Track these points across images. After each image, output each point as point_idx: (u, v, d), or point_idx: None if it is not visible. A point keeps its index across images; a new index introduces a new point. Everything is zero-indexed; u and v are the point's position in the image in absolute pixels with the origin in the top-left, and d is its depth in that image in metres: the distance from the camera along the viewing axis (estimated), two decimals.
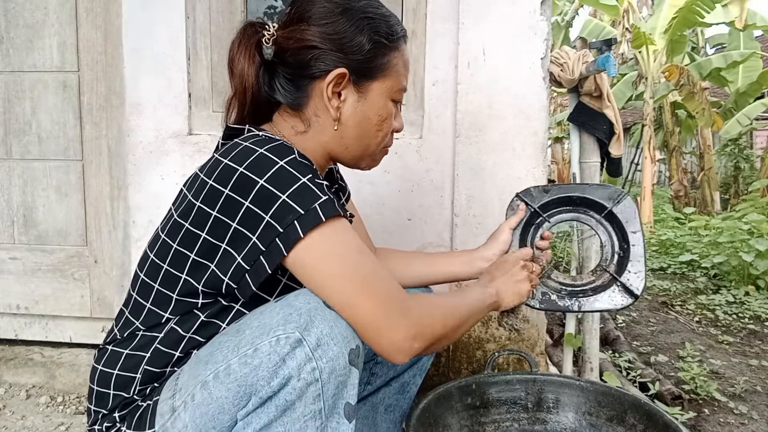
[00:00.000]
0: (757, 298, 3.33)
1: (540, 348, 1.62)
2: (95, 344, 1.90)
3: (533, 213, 1.21)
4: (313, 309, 0.74)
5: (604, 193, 1.20)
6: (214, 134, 1.67)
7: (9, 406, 1.67)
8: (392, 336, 0.76)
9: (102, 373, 0.86)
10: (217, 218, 0.77)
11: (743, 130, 7.62)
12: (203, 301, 0.83)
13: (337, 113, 0.88)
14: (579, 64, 1.54)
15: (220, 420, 0.76)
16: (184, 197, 0.83)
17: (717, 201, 8.07)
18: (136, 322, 0.85)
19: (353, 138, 0.91)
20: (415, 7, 1.60)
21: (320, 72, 0.86)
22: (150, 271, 0.85)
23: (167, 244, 0.83)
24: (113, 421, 0.84)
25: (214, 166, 0.80)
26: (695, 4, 5.84)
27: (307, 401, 0.73)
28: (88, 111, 1.81)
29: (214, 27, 1.68)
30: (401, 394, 1.23)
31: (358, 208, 1.22)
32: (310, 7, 0.86)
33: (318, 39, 0.85)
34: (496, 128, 1.55)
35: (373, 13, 0.88)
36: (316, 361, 0.72)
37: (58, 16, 1.78)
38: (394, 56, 0.90)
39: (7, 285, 1.88)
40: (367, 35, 0.86)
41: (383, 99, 0.91)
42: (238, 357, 0.74)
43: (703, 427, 1.72)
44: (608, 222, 1.21)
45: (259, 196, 0.74)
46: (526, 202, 1.21)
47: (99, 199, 1.84)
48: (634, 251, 1.17)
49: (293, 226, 0.73)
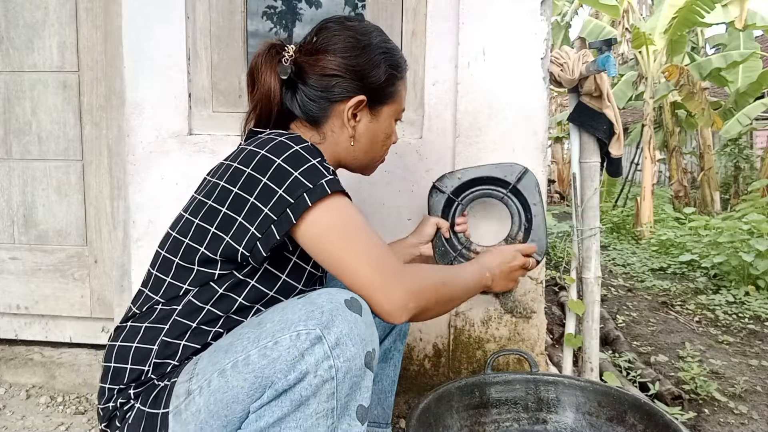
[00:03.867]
0: (757, 298, 3.33)
1: (540, 348, 1.62)
2: (95, 344, 1.90)
3: (449, 198, 1.37)
4: (335, 309, 0.77)
5: (509, 170, 1.35)
6: (214, 134, 1.67)
7: (9, 406, 1.67)
8: (389, 295, 0.84)
9: (120, 348, 0.88)
10: (238, 194, 0.86)
11: (743, 130, 7.61)
12: (220, 272, 0.88)
13: (353, 131, 1.03)
14: (579, 64, 1.54)
15: (233, 409, 0.77)
16: (208, 182, 0.93)
17: (717, 201, 8.07)
18: (156, 296, 0.90)
19: (363, 151, 1.06)
20: (415, 7, 1.60)
21: (341, 97, 1.00)
22: (171, 247, 0.92)
23: (190, 221, 0.91)
24: (128, 398, 0.85)
25: (239, 153, 0.91)
26: (695, 4, 5.83)
27: (321, 399, 0.75)
28: (88, 111, 1.81)
29: (214, 27, 1.68)
30: (385, 362, 1.30)
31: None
32: (335, 41, 1.00)
33: (342, 69, 0.99)
34: (496, 128, 1.55)
35: (386, 48, 1.03)
36: (334, 359, 0.74)
37: (58, 16, 1.78)
38: (401, 84, 1.07)
39: (7, 285, 1.89)
40: (383, 68, 1.02)
41: (389, 120, 1.07)
42: (257, 348, 0.76)
43: (703, 427, 1.72)
44: (515, 196, 1.36)
45: (275, 174, 0.84)
46: (440, 189, 1.38)
47: (99, 199, 1.84)
48: (536, 221, 1.32)
49: (302, 198, 0.83)
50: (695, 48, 9.17)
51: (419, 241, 1.34)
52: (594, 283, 1.63)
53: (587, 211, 1.64)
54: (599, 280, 1.64)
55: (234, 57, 1.68)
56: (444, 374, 1.66)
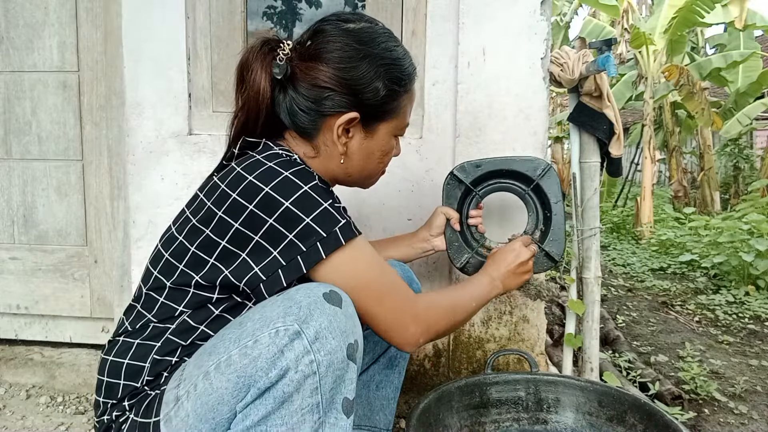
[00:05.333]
0: (757, 298, 3.33)
1: (540, 348, 1.62)
2: (95, 344, 1.90)
3: (467, 187, 1.30)
4: (313, 303, 0.76)
5: (531, 165, 1.28)
6: (214, 134, 1.67)
7: (9, 406, 1.67)
8: (404, 336, 0.90)
9: (112, 363, 0.87)
10: (239, 230, 0.82)
11: (743, 130, 7.60)
12: (218, 296, 0.86)
13: (345, 148, 0.94)
14: (579, 64, 1.54)
15: (219, 411, 0.76)
16: (202, 203, 0.87)
17: (717, 201, 8.06)
18: (148, 315, 0.88)
19: (357, 168, 0.99)
20: (415, 7, 1.60)
21: (332, 111, 0.91)
22: (164, 269, 0.88)
23: (184, 246, 0.86)
24: (122, 410, 0.85)
25: (238, 180, 0.84)
26: (695, 4, 5.83)
27: (304, 394, 0.74)
28: (88, 111, 1.81)
29: (214, 27, 1.68)
30: (390, 369, 1.27)
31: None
32: (330, 48, 0.89)
33: (333, 82, 0.89)
34: (496, 128, 1.55)
35: (390, 58, 0.92)
36: (314, 354, 0.74)
37: (58, 16, 1.78)
38: (404, 99, 0.97)
39: (7, 285, 1.89)
40: (383, 82, 0.91)
41: (387, 137, 0.98)
42: (238, 348, 0.75)
43: (703, 427, 1.72)
44: (535, 193, 1.30)
45: (283, 217, 0.80)
46: (458, 178, 1.29)
47: (99, 199, 1.84)
48: (555, 220, 1.26)
49: (315, 248, 0.81)
50: (695, 48, 9.17)
51: (431, 233, 1.29)
52: (594, 283, 1.63)
53: (587, 211, 1.64)
54: (599, 280, 1.64)
55: (234, 57, 1.68)
56: (444, 374, 1.66)
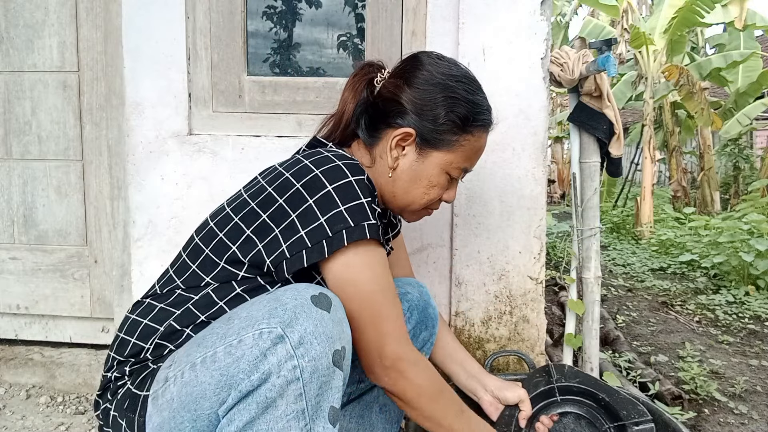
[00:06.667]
0: (757, 298, 3.33)
1: (540, 348, 1.62)
2: (95, 344, 1.90)
3: (551, 388, 1.21)
4: (299, 306, 0.75)
5: (631, 408, 1.14)
6: (214, 134, 1.67)
7: (9, 406, 1.67)
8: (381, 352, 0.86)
9: (132, 321, 0.90)
10: (281, 205, 0.86)
11: (743, 130, 7.60)
12: (244, 274, 0.88)
13: (395, 163, 0.99)
14: (579, 64, 1.54)
15: (201, 405, 0.76)
16: (257, 182, 0.94)
17: (717, 201, 8.06)
18: (178, 280, 0.92)
19: (401, 190, 1.01)
20: (415, 7, 1.60)
21: (395, 123, 0.98)
22: (205, 236, 0.93)
23: (229, 216, 0.91)
24: (123, 374, 0.87)
25: (295, 163, 0.91)
26: (695, 4, 5.83)
27: (288, 400, 0.73)
28: (88, 111, 1.81)
29: (214, 27, 1.68)
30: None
31: None
32: (416, 71, 0.98)
33: (406, 99, 0.97)
34: (496, 128, 1.54)
35: (463, 97, 0.97)
36: (298, 359, 0.72)
37: (58, 15, 1.78)
38: (465, 138, 0.99)
39: (7, 285, 1.89)
40: (445, 111, 0.96)
41: (438, 168, 0.99)
42: (224, 345, 0.75)
43: (703, 427, 1.72)
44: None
45: (322, 199, 0.84)
46: (550, 374, 1.22)
47: (99, 198, 1.84)
48: None
49: (340, 234, 0.83)
50: (695, 48, 9.17)
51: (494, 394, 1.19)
52: (594, 283, 1.63)
53: (587, 211, 1.64)
54: (599, 280, 1.64)
55: (234, 57, 1.68)
56: (444, 374, 1.65)
